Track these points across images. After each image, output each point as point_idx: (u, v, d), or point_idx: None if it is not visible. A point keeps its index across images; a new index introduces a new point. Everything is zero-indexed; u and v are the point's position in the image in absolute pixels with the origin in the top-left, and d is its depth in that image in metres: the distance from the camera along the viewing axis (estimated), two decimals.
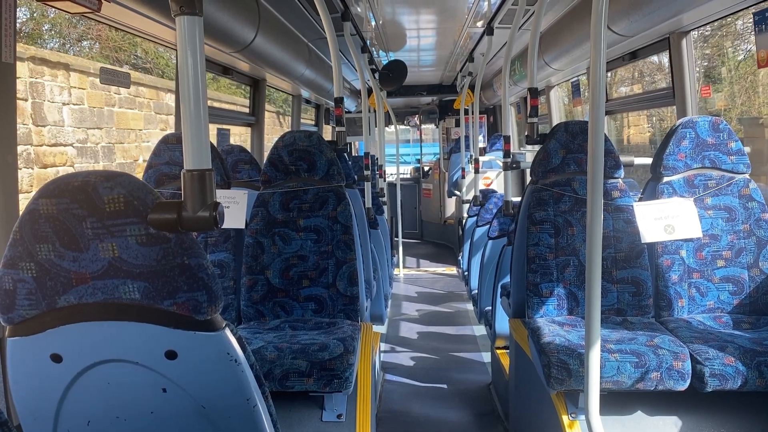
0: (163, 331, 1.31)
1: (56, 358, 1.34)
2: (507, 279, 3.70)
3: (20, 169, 5.64)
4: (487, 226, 5.09)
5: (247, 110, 5.19)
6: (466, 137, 8.24)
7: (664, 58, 3.75)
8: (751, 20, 2.66)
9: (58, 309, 1.31)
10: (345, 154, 5.23)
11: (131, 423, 1.42)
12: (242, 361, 1.38)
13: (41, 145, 6.20)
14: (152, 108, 8.60)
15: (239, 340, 1.40)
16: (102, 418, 1.42)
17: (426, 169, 11.22)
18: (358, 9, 4.64)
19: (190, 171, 1.26)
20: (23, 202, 1.65)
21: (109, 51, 10.05)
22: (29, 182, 5.96)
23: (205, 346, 1.34)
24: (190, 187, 1.26)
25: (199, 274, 1.30)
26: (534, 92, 3.41)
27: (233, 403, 1.41)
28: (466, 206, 7.40)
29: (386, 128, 9.96)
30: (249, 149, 4.55)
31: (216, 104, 9.14)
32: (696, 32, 3.54)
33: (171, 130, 8.32)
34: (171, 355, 1.33)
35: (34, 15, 9.11)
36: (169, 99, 8.75)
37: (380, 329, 5.37)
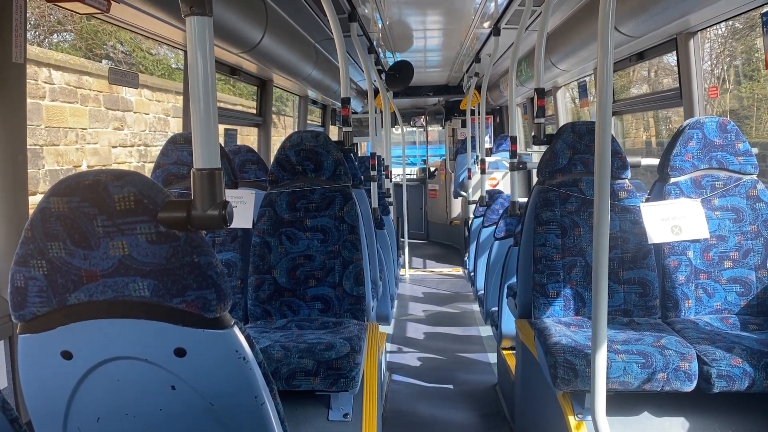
0: (172, 328, 1.32)
1: (66, 355, 1.35)
2: (513, 280, 3.71)
3: None
4: (494, 226, 5.09)
5: (237, 105, 5.21)
6: (473, 138, 8.24)
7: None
8: None
9: (68, 306, 1.32)
10: (351, 155, 5.24)
11: (140, 420, 1.44)
12: (250, 359, 1.38)
13: None
14: (102, 102, 7.04)
15: (247, 338, 1.40)
16: (111, 415, 1.44)
17: (432, 169, 11.22)
18: (365, 10, 4.65)
19: (200, 170, 1.27)
20: None
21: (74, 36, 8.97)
22: None
23: (214, 343, 1.35)
24: (200, 185, 1.27)
25: (208, 273, 1.31)
26: (541, 93, 3.41)
27: (241, 401, 1.42)
28: (473, 207, 7.40)
29: (393, 129, 9.96)
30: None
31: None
32: (724, 24, 3.51)
33: (127, 130, 7.80)
34: (180, 352, 1.34)
35: None
36: (126, 92, 7.49)
37: (386, 329, 5.38)
